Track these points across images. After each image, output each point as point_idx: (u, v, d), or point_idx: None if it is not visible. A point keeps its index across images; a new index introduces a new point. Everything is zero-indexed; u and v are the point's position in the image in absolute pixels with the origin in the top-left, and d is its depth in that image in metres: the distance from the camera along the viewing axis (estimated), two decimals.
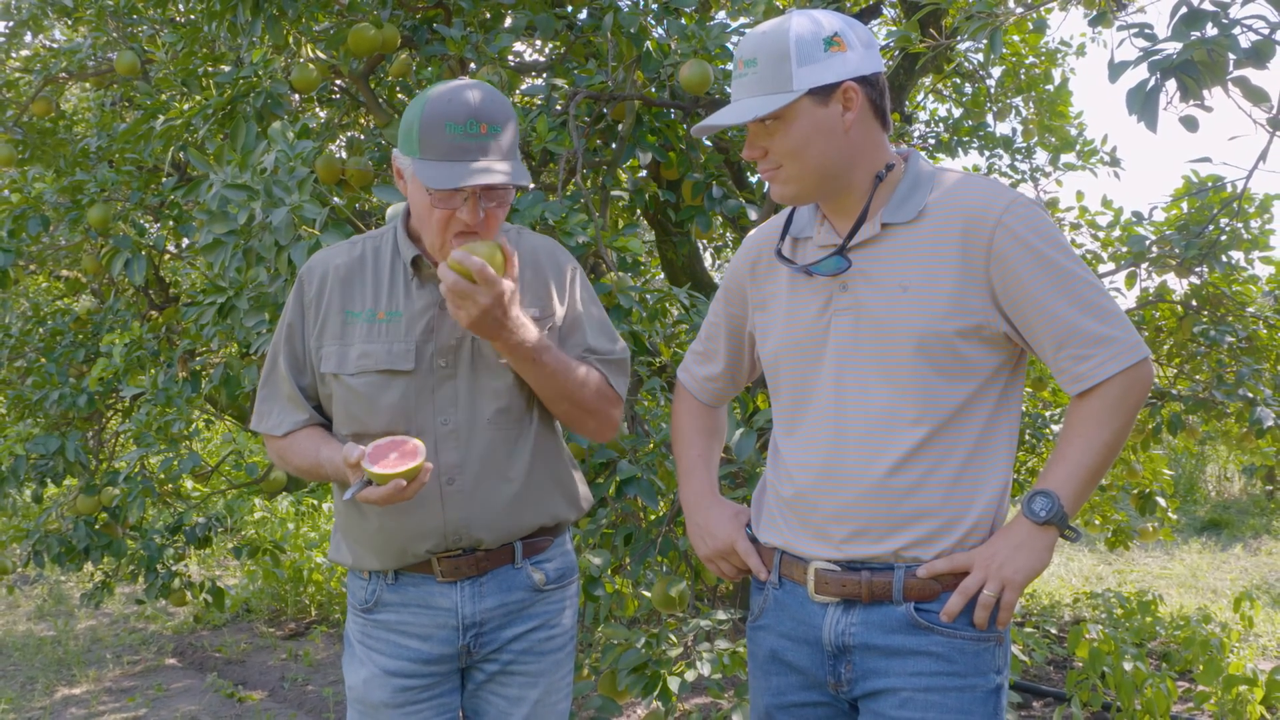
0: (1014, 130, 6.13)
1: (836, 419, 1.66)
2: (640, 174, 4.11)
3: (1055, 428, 5.50)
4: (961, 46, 4.88)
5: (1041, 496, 1.61)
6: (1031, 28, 5.68)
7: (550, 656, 1.94)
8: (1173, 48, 2.30)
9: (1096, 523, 5.86)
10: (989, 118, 5.95)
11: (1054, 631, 5.40)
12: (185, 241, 4.35)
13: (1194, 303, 4.93)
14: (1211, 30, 2.29)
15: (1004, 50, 5.38)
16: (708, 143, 3.96)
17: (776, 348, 1.75)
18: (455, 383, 1.83)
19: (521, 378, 1.85)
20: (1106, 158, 5.73)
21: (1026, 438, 5.23)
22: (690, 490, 1.91)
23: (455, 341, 1.84)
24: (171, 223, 4.05)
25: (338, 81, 4.07)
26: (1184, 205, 4.73)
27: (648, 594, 2.89)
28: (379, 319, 1.84)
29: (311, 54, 3.73)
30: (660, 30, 3.56)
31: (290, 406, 1.89)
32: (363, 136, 4.28)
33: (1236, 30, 2.30)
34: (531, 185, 1.96)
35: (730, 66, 3.94)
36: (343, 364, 1.83)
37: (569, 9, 3.75)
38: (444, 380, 1.83)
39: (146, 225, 4.19)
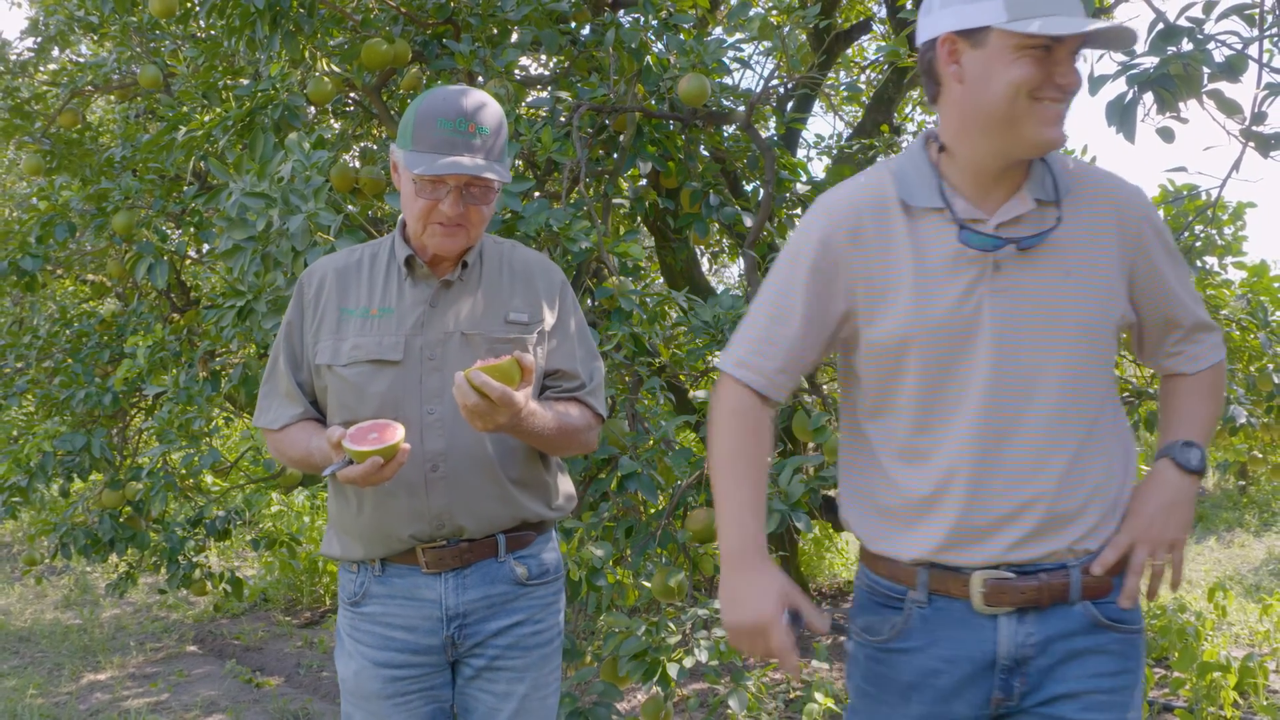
0: None
1: (999, 410, 1.44)
2: (640, 182, 4.11)
3: None
4: None
5: (1193, 448, 1.53)
6: None
7: (537, 652, 1.91)
8: (1150, 62, 2.30)
9: None
10: None
11: None
12: (206, 247, 4.35)
13: None
14: (1187, 46, 2.29)
15: None
16: (705, 153, 3.96)
17: (902, 329, 1.46)
18: (442, 375, 1.82)
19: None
20: None
21: None
22: (732, 543, 1.52)
23: (443, 336, 1.84)
24: (192, 229, 4.05)
25: (351, 94, 4.07)
26: (1160, 212, 4.72)
27: (648, 584, 2.89)
28: (372, 315, 1.85)
29: (326, 68, 3.73)
30: (660, 45, 3.56)
31: (286, 402, 1.90)
32: (375, 147, 4.28)
33: (1211, 46, 2.30)
34: (510, 182, 1.92)
35: (726, 80, 3.95)
36: (335, 356, 1.83)
37: (573, 25, 3.75)
38: (431, 372, 1.82)
39: (169, 232, 4.19)
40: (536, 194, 3.74)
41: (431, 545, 1.83)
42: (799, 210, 4.19)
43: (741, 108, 3.74)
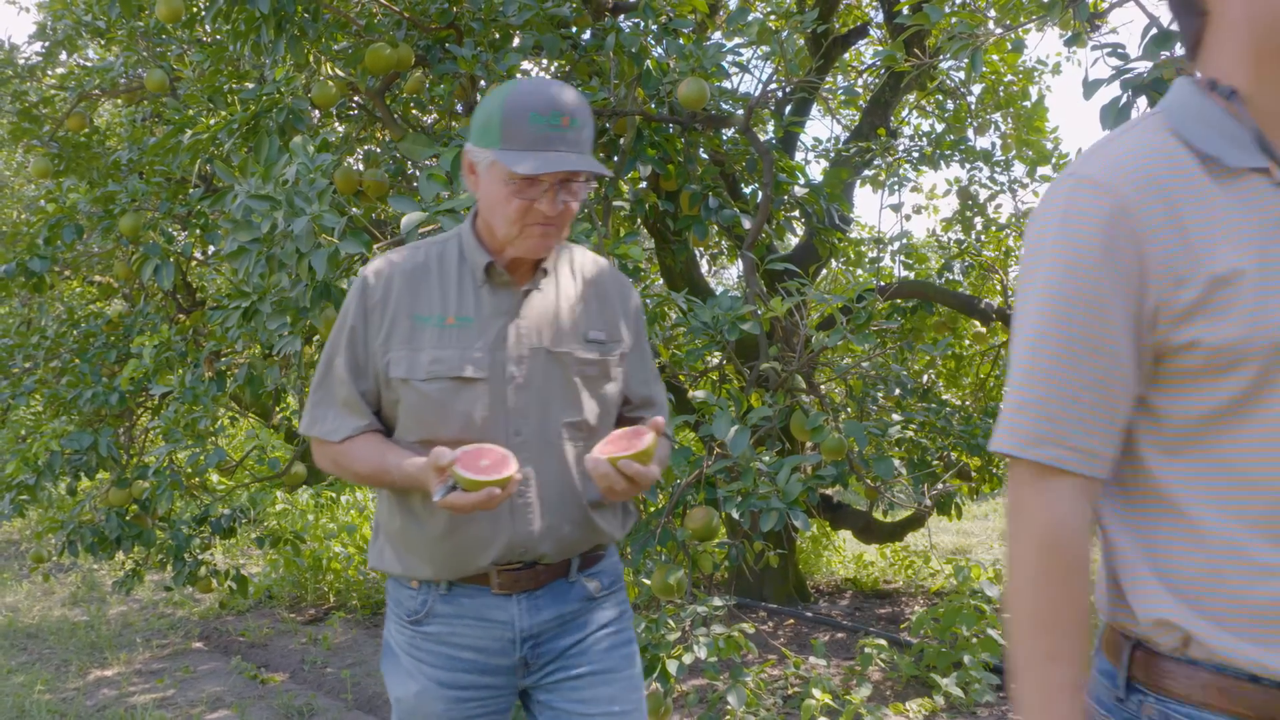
0: (993, 144, 6.13)
1: None
2: (640, 185, 4.11)
3: None
4: (944, 65, 4.87)
5: None
6: (1010, 48, 5.68)
7: (617, 652, 1.80)
8: (1143, 66, 2.30)
9: None
10: (969, 132, 5.95)
11: None
12: (211, 249, 4.35)
13: None
14: (1180, 50, 2.29)
15: (984, 69, 5.38)
16: (704, 156, 3.96)
17: (1259, 329, 0.99)
18: (528, 393, 1.69)
19: (596, 392, 1.76)
20: None
21: None
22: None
23: (528, 352, 1.71)
24: (198, 231, 4.05)
25: (355, 98, 4.07)
26: None
27: (648, 581, 2.89)
28: (449, 324, 1.69)
29: (331, 72, 3.73)
30: (660, 50, 3.56)
31: (346, 412, 1.74)
32: (379, 150, 4.27)
33: None
34: (610, 175, 1.81)
35: (725, 84, 3.94)
36: (413, 369, 1.68)
37: (574, 30, 3.75)
38: (517, 390, 1.69)
39: (175, 233, 4.19)
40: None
41: (507, 568, 1.72)
42: (796, 212, 4.19)
43: (740, 111, 3.74)
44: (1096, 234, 1.03)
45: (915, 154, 5.96)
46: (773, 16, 6.03)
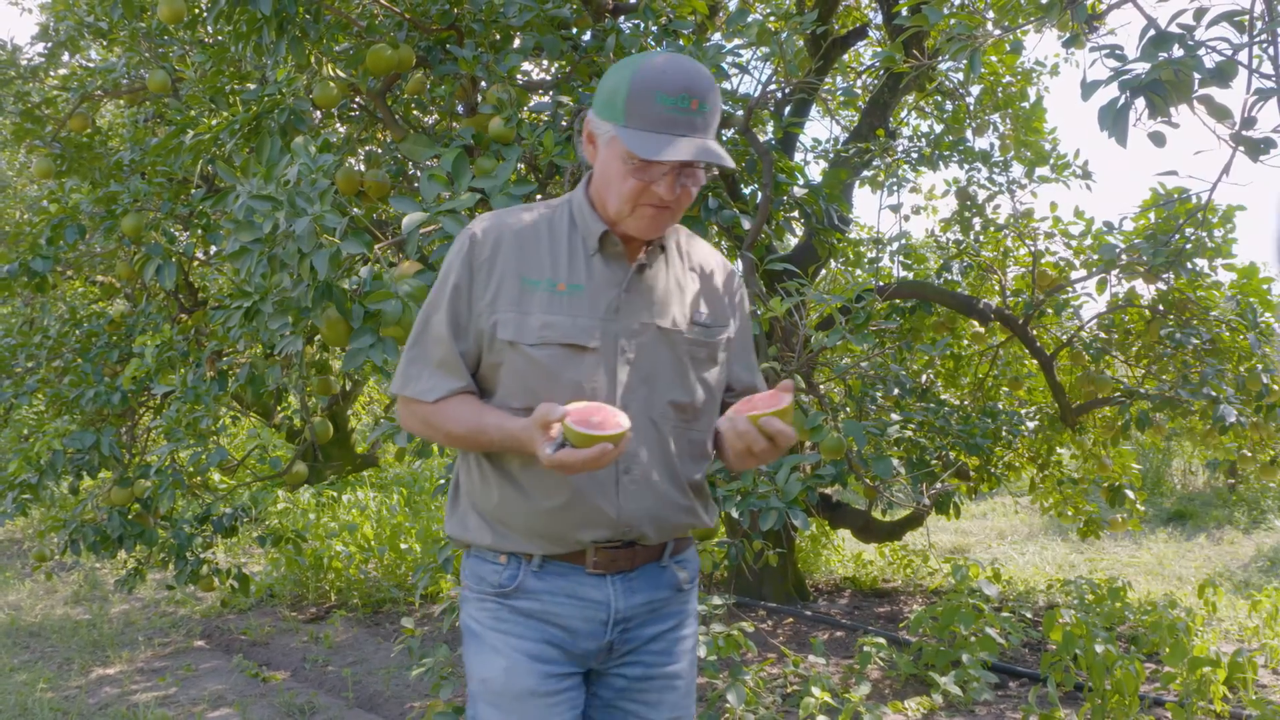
0: (992, 145, 6.13)
1: None
2: None
3: (1030, 425, 5.50)
4: (943, 66, 4.87)
5: None
6: (1008, 49, 5.69)
7: (685, 659, 1.77)
8: (1141, 68, 2.30)
9: (1069, 513, 5.87)
10: (968, 133, 5.95)
11: (1029, 616, 5.40)
12: (213, 249, 4.35)
13: (1161, 307, 4.93)
14: (1178, 51, 2.29)
15: (982, 70, 5.38)
16: None
17: None
18: (637, 369, 1.64)
19: (702, 374, 1.72)
20: (1079, 171, 5.72)
21: (1003, 434, 5.23)
22: None
23: (639, 327, 1.66)
24: (200, 231, 4.05)
25: (357, 99, 4.07)
26: (1152, 216, 4.73)
27: None
28: (559, 290, 1.63)
29: (332, 73, 3.73)
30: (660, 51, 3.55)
31: (442, 373, 1.67)
32: (380, 150, 4.27)
33: (1201, 51, 2.30)
34: (733, 166, 1.76)
35: (725, 85, 3.94)
36: (521, 332, 1.61)
37: (574, 31, 3.75)
38: (625, 364, 1.64)
39: (177, 234, 4.19)
40: (538, 196, 3.74)
41: (605, 545, 1.66)
42: (795, 213, 4.19)
43: (740, 112, 3.74)
44: None
45: (914, 155, 5.96)
46: (772, 18, 6.04)
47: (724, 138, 4.04)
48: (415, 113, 4.16)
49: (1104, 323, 5.33)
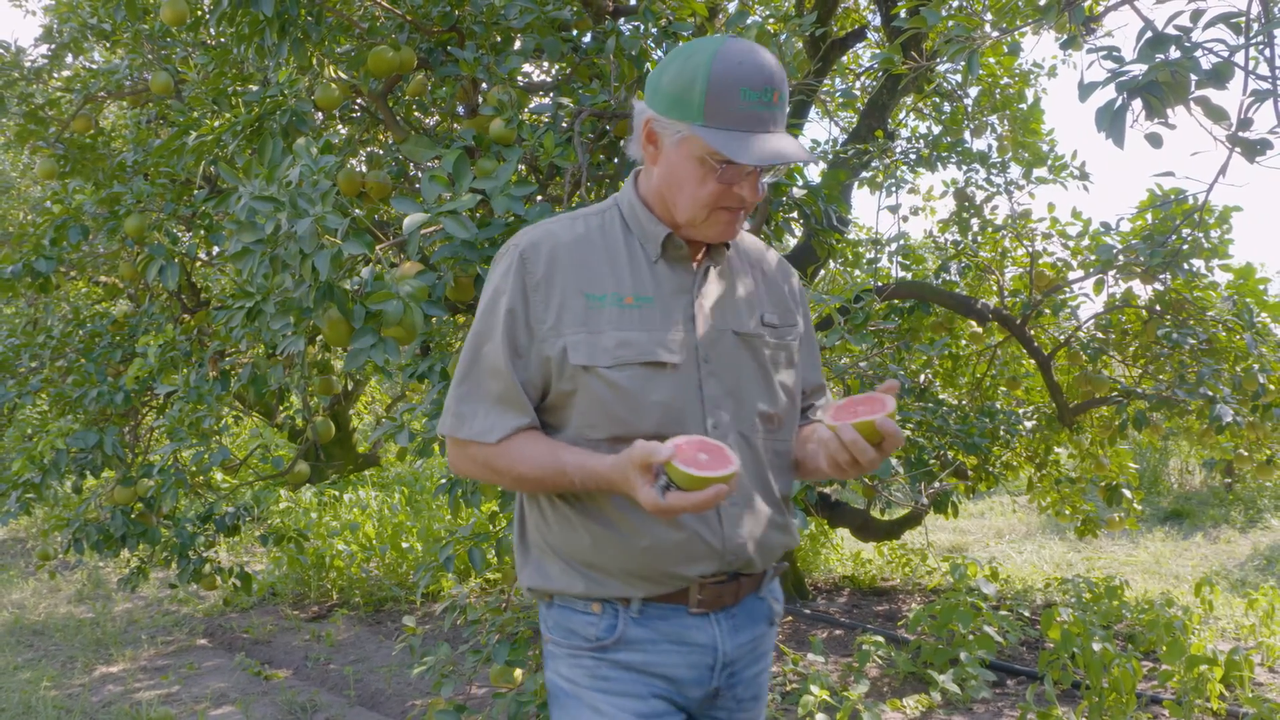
0: (990, 146, 6.13)
1: None
2: None
3: (1028, 424, 5.50)
4: (941, 68, 4.87)
5: None
6: (1006, 51, 5.69)
7: (764, 698, 1.64)
8: (1138, 69, 2.30)
9: (1067, 513, 5.87)
10: (966, 134, 5.95)
11: (1027, 615, 5.40)
12: (215, 249, 4.35)
13: (1158, 307, 4.92)
14: (1174, 53, 2.29)
15: (980, 72, 5.38)
16: None
17: None
18: (721, 380, 1.50)
19: (782, 379, 1.58)
20: (1076, 172, 5.73)
21: (1001, 433, 5.23)
22: None
23: (716, 334, 1.51)
24: (203, 232, 4.05)
25: (358, 100, 4.07)
26: (1149, 216, 4.73)
27: None
28: (627, 304, 1.47)
29: (334, 74, 3.73)
30: (659, 53, 3.56)
31: (503, 409, 1.48)
32: (382, 152, 4.27)
33: (1198, 53, 2.30)
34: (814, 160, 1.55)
35: None
36: (595, 355, 1.44)
37: (574, 33, 3.75)
38: (709, 377, 1.49)
39: (179, 234, 4.19)
40: (539, 198, 3.74)
41: (711, 580, 1.50)
42: (795, 213, 4.19)
43: None
44: None
45: (912, 156, 5.96)
46: (771, 19, 6.04)
47: None
48: (416, 114, 4.16)
49: (1101, 323, 5.33)
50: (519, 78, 3.74)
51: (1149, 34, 2.35)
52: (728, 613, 1.53)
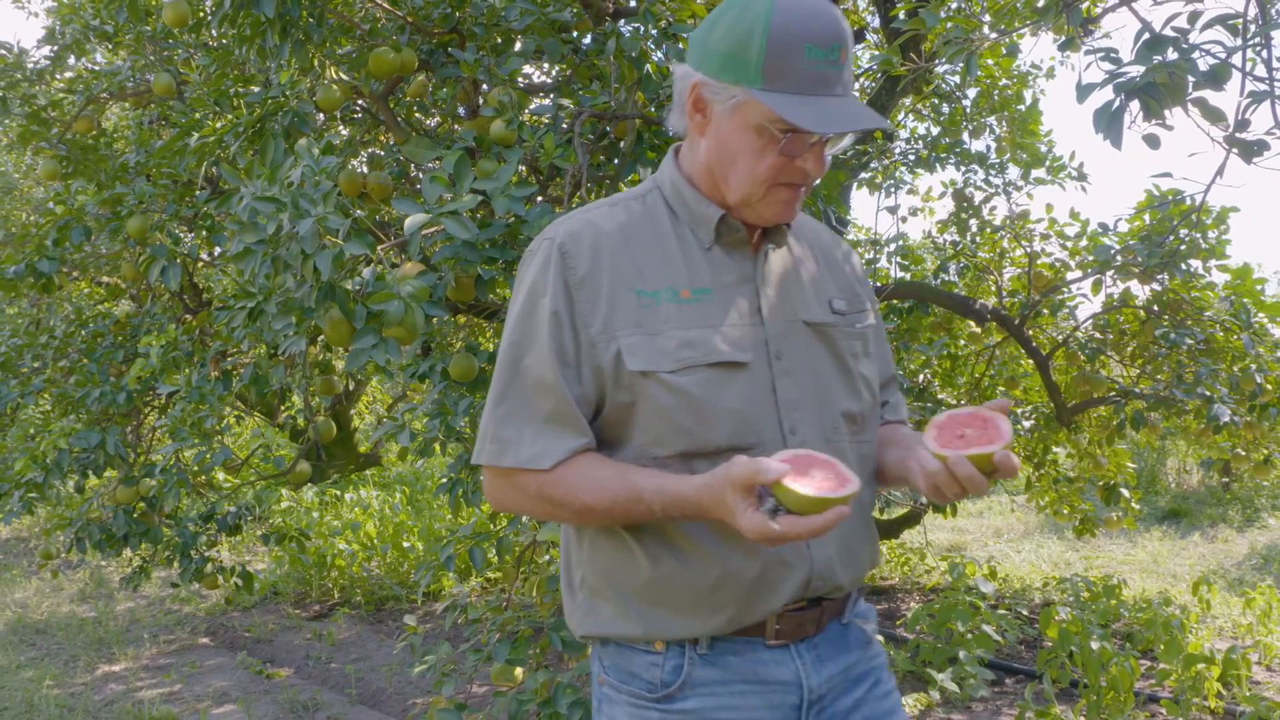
0: (988, 147, 6.13)
1: None
2: None
3: (1026, 424, 5.51)
4: (940, 69, 4.87)
5: None
6: (1005, 52, 5.68)
7: (895, 716, 1.42)
8: (1136, 71, 2.30)
9: (1065, 512, 5.87)
10: (965, 135, 5.95)
11: (1025, 613, 5.40)
12: (217, 250, 4.35)
13: (1156, 308, 4.93)
14: (1172, 55, 2.29)
15: (979, 73, 5.38)
16: None
17: None
18: (795, 379, 1.30)
19: (863, 374, 1.39)
20: (1074, 173, 5.73)
21: None
22: None
23: (785, 327, 1.32)
24: (205, 233, 4.05)
25: (359, 101, 4.07)
26: (1146, 217, 4.73)
27: None
28: (685, 298, 1.27)
29: (335, 76, 3.73)
30: (659, 54, 3.56)
31: (555, 429, 1.27)
32: (383, 153, 4.27)
33: (1195, 55, 2.30)
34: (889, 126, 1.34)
35: None
36: (655, 359, 1.24)
37: (574, 34, 3.75)
38: (782, 376, 1.29)
39: (181, 235, 4.19)
40: (540, 198, 3.74)
41: (791, 608, 1.30)
42: None
43: None
44: None
45: (911, 156, 5.96)
46: None
47: None
48: (417, 115, 4.16)
49: (1099, 323, 5.34)
50: (519, 79, 3.74)
51: (1146, 35, 2.35)
52: (809, 643, 1.33)
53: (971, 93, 6.02)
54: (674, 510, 1.21)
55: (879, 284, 4.64)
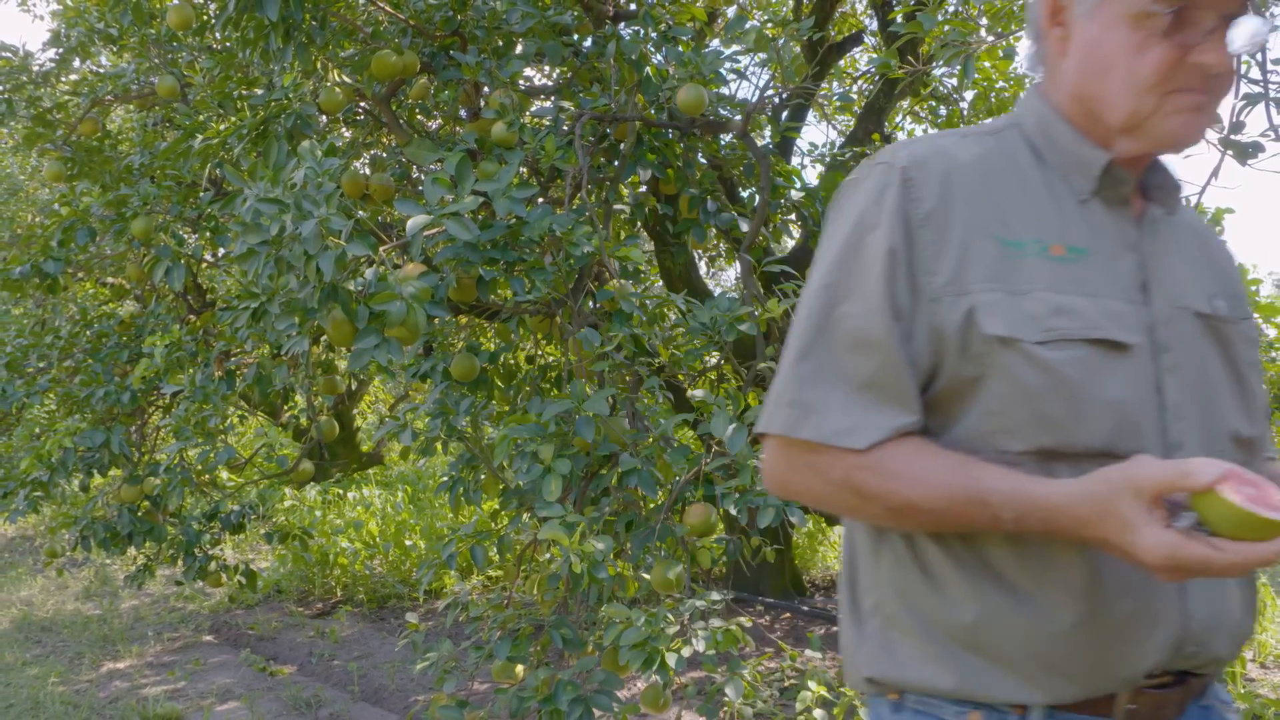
0: None
1: None
2: (640, 189, 4.11)
3: None
4: (937, 72, 4.88)
5: None
6: (1002, 55, 5.68)
7: None
8: None
9: None
10: None
11: None
12: (221, 251, 4.35)
13: None
14: None
15: (976, 76, 5.38)
16: (703, 160, 3.96)
17: None
18: (1183, 379, 1.00)
19: (1258, 390, 1.08)
20: None
21: None
22: None
23: (1175, 312, 1.02)
24: (208, 234, 4.05)
25: (362, 104, 4.07)
26: None
27: (647, 576, 2.89)
28: (1055, 255, 0.98)
29: (338, 78, 3.73)
30: (659, 57, 3.56)
31: (876, 399, 0.97)
32: (385, 154, 4.28)
33: None
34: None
35: (723, 90, 3.94)
36: (1018, 324, 0.95)
37: (575, 37, 3.75)
38: (1168, 373, 0.99)
39: (185, 236, 4.19)
40: (540, 200, 3.74)
41: (1151, 684, 0.98)
42: (793, 215, 4.19)
43: (738, 117, 3.74)
44: None
45: None
46: (770, 24, 6.04)
47: (721, 142, 4.04)
48: (419, 117, 4.16)
49: None
50: (520, 82, 3.74)
51: None
52: None
53: (969, 95, 6.02)
54: (1033, 520, 0.91)
55: None
